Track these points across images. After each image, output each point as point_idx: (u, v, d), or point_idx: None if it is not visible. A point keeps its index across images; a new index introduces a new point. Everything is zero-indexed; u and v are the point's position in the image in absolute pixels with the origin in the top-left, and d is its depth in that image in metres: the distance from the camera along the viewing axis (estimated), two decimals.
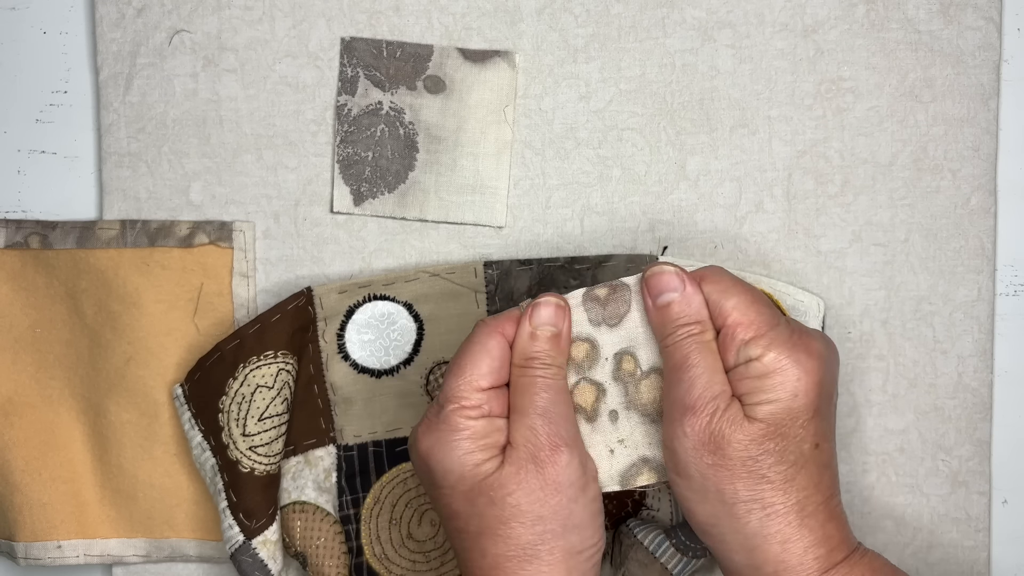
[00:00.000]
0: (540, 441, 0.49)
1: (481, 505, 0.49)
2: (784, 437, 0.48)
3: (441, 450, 0.50)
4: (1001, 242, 0.60)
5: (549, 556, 0.49)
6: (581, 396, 0.52)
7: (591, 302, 0.52)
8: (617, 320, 0.52)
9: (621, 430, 0.52)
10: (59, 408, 0.61)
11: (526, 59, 0.60)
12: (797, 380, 0.48)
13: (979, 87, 0.59)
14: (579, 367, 0.52)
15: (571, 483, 0.49)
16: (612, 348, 0.52)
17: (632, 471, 0.52)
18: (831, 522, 0.49)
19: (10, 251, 0.61)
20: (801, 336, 0.49)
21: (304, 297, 0.59)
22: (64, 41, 0.62)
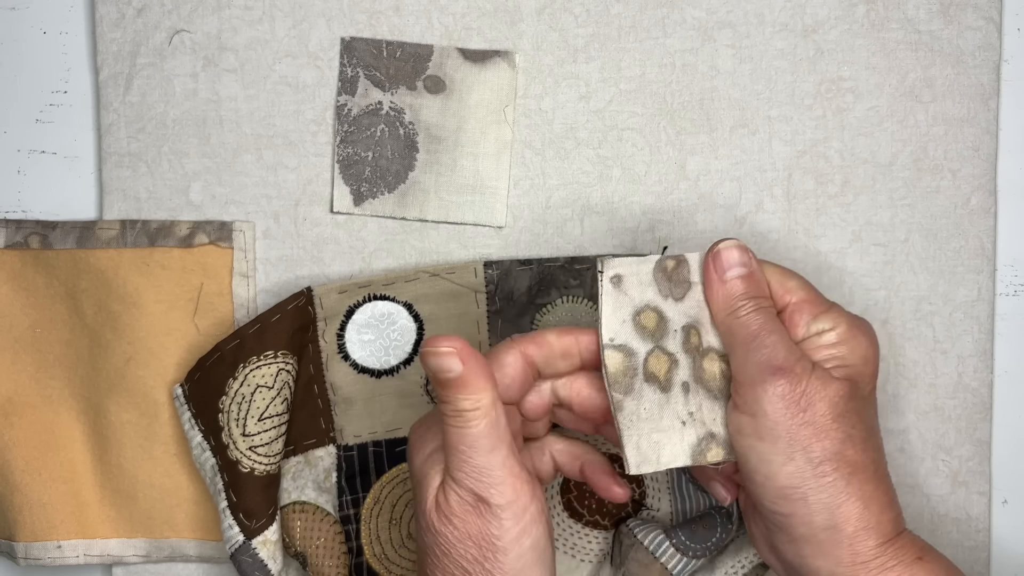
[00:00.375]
0: (449, 506, 0.50)
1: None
2: (862, 399, 0.50)
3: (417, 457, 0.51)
4: (1001, 242, 0.60)
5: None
6: (655, 364, 0.51)
7: (660, 273, 0.51)
8: (681, 295, 0.51)
9: (691, 403, 0.51)
10: (59, 408, 0.61)
11: (526, 59, 0.60)
12: (867, 348, 0.51)
13: (979, 87, 0.59)
14: (652, 335, 0.51)
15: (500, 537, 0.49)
16: (680, 321, 0.51)
17: (702, 446, 0.51)
18: (891, 490, 0.51)
19: (10, 251, 0.61)
20: (857, 317, 0.52)
21: (304, 297, 0.59)
22: (64, 41, 0.62)
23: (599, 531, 0.60)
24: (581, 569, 0.60)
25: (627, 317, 0.51)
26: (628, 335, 0.51)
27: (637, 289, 0.51)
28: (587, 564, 0.60)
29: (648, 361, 0.51)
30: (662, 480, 0.60)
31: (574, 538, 0.60)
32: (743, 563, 0.58)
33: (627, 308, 0.51)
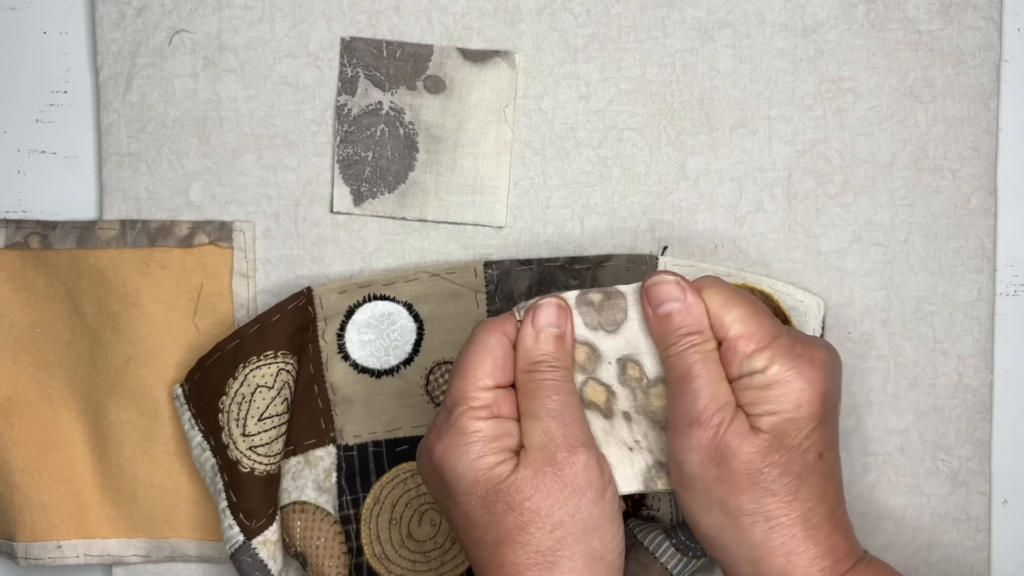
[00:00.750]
0: (556, 443, 0.48)
1: (499, 512, 0.47)
2: (788, 449, 0.48)
3: (454, 455, 0.48)
4: (1001, 242, 0.60)
5: (570, 562, 0.47)
6: (593, 394, 0.51)
7: (585, 306, 0.51)
8: (614, 327, 0.51)
9: (635, 431, 0.51)
10: (59, 408, 0.61)
11: (526, 59, 0.60)
12: (801, 391, 0.48)
13: (979, 87, 0.59)
14: (583, 368, 0.51)
15: (590, 484, 0.48)
16: (614, 354, 0.51)
17: (652, 472, 0.51)
18: (836, 533, 0.49)
19: (10, 251, 0.61)
20: (804, 346, 0.49)
21: (304, 297, 0.59)
22: (64, 41, 0.62)
23: None
24: None
25: None
26: None
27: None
28: None
29: (584, 390, 0.51)
30: None
31: None
32: None
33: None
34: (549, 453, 0.48)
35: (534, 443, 0.48)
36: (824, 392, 0.48)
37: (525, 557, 0.47)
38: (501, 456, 0.48)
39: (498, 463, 0.48)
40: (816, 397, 0.48)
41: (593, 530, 0.48)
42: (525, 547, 0.47)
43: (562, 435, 0.48)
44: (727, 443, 0.47)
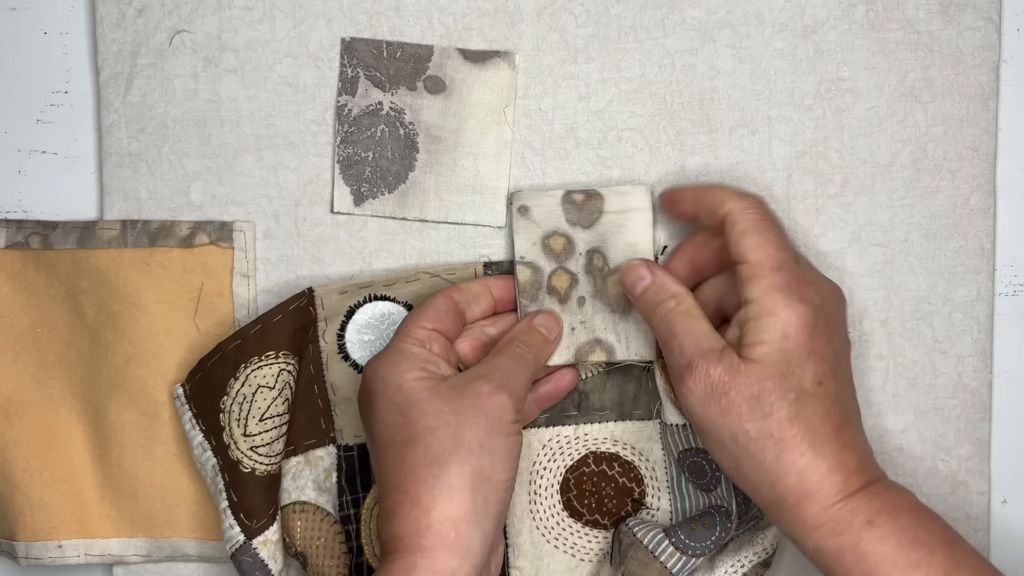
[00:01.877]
0: (491, 382, 0.53)
1: (414, 416, 0.52)
2: (781, 376, 0.51)
3: (384, 366, 0.54)
4: (1000, 242, 0.60)
5: (459, 469, 0.51)
6: (558, 281, 0.59)
7: (569, 204, 0.59)
8: (589, 224, 0.58)
9: (584, 313, 0.58)
10: (60, 408, 0.61)
11: (526, 59, 0.60)
12: (787, 323, 0.51)
13: (978, 87, 0.59)
14: (557, 256, 0.59)
15: (499, 419, 0.53)
16: (585, 245, 0.58)
17: (586, 348, 0.58)
18: (845, 451, 0.51)
19: (11, 251, 0.61)
20: (799, 283, 0.52)
21: (305, 298, 0.59)
22: (65, 41, 0.62)
23: (599, 530, 0.60)
24: (581, 568, 0.61)
25: (536, 240, 0.59)
26: (536, 255, 0.59)
27: (544, 219, 0.59)
28: (587, 563, 0.61)
29: (552, 278, 0.59)
30: (662, 479, 0.60)
31: (574, 537, 0.61)
32: (743, 562, 0.58)
33: (536, 233, 0.59)
34: (478, 385, 0.53)
35: (473, 375, 0.54)
36: (811, 326, 0.52)
37: (424, 456, 0.52)
38: (425, 374, 0.54)
39: (422, 377, 0.54)
40: (802, 330, 0.51)
41: (488, 453, 0.52)
42: (427, 447, 0.52)
43: (498, 380, 0.54)
44: (720, 379, 0.51)
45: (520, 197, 0.59)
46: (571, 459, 0.61)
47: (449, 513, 0.51)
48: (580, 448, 0.61)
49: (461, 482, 0.51)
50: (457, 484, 0.51)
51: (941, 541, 0.50)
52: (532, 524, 0.61)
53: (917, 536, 0.50)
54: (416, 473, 0.51)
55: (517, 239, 0.59)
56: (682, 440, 0.59)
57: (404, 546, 0.51)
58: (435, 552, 0.50)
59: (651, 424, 0.60)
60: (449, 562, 0.50)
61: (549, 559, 0.61)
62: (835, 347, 0.53)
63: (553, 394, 0.59)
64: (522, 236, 0.59)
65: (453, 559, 0.50)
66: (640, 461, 0.60)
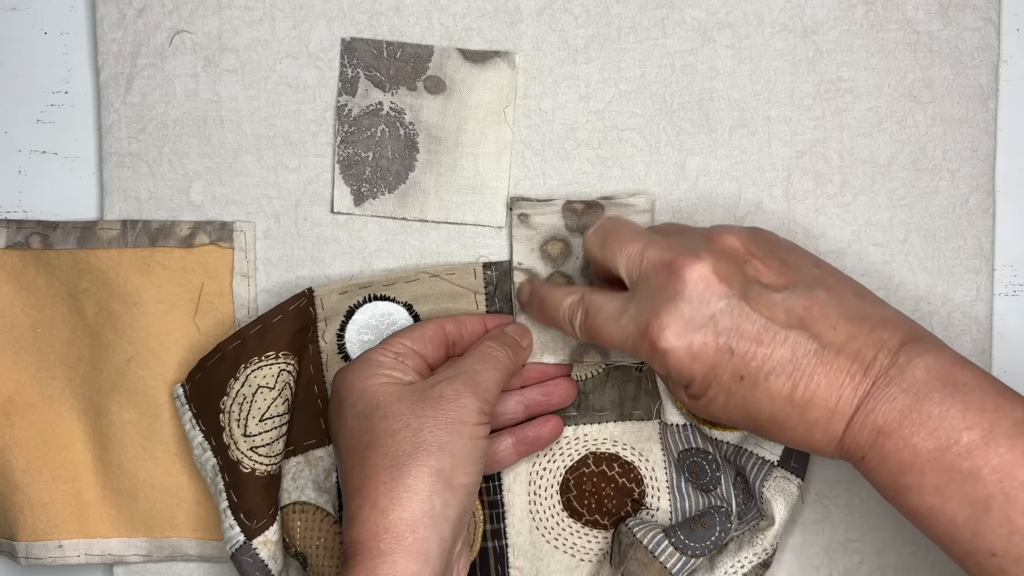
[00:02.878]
0: (453, 384, 0.54)
1: (376, 419, 0.53)
2: (730, 309, 0.49)
3: (352, 373, 0.55)
4: (999, 242, 0.60)
5: (416, 471, 0.51)
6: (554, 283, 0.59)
7: (569, 211, 0.59)
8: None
9: None
10: (60, 408, 0.61)
11: (526, 60, 0.60)
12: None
13: (978, 88, 0.59)
14: (555, 261, 0.59)
15: (461, 420, 0.52)
16: (582, 250, 0.59)
17: (580, 350, 0.59)
18: (855, 339, 0.48)
19: (11, 251, 0.61)
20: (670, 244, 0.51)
21: (305, 298, 0.59)
22: (65, 41, 0.62)
23: (598, 531, 0.61)
24: (581, 569, 0.61)
25: (535, 247, 0.60)
26: (534, 261, 0.60)
27: (543, 225, 0.59)
28: (587, 564, 0.61)
29: (550, 280, 0.59)
30: (661, 480, 0.60)
31: (573, 538, 0.61)
32: (742, 562, 0.58)
33: (535, 240, 0.60)
34: (441, 388, 0.53)
35: (438, 378, 0.54)
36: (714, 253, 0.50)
37: (383, 458, 0.52)
38: (389, 379, 0.54)
39: (386, 383, 0.54)
40: (708, 271, 0.49)
41: (448, 455, 0.52)
42: (387, 450, 0.52)
43: (462, 381, 0.54)
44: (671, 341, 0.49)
45: (521, 205, 0.59)
46: (571, 459, 0.61)
47: (406, 515, 0.50)
48: (580, 448, 0.61)
49: (418, 484, 0.51)
50: (415, 486, 0.51)
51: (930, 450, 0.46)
52: (532, 524, 0.61)
53: (903, 458, 0.47)
54: (376, 476, 0.51)
55: (516, 246, 0.59)
56: (682, 440, 0.59)
57: (363, 550, 0.50)
58: (393, 556, 0.50)
59: (651, 424, 0.60)
60: (408, 566, 0.50)
61: (549, 559, 0.61)
62: (775, 251, 0.51)
63: (533, 440, 0.59)
64: (521, 243, 0.60)
65: (412, 563, 0.50)
66: (640, 461, 0.60)
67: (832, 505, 0.61)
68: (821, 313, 0.49)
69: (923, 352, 0.48)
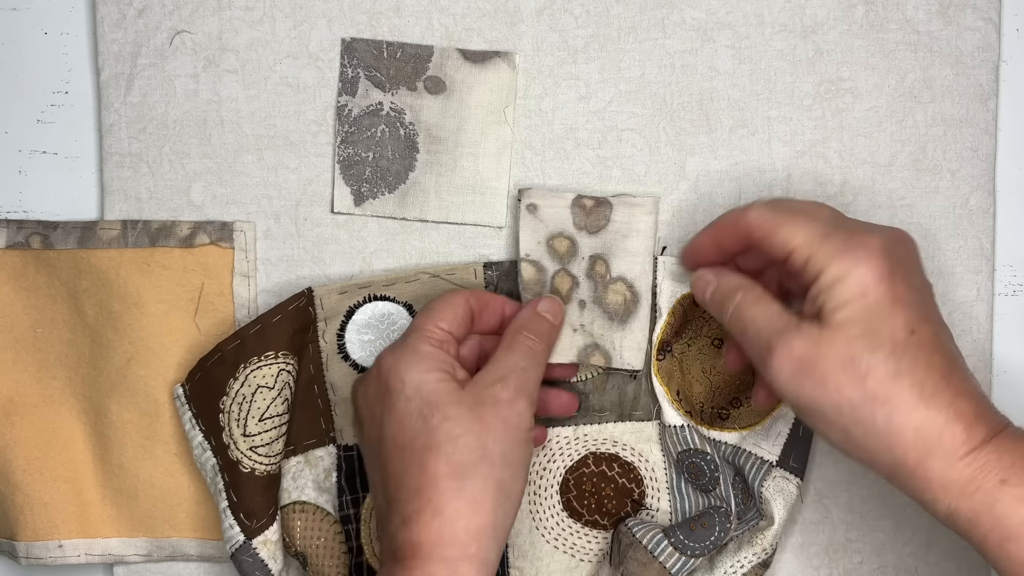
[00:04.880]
0: (509, 388, 0.52)
1: (434, 421, 0.51)
2: (871, 333, 0.48)
3: (403, 364, 0.53)
4: (1000, 242, 0.60)
5: (483, 481, 0.50)
6: (560, 282, 0.59)
7: (578, 208, 0.59)
8: (596, 230, 0.58)
9: (584, 317, 0.58)
10: (60, 408, 0.61)
11: (526, 60, 0.60)
12: (863, 278, 0.48)
13: (978, 88, 0.59)
14: (561, 258, 0.59)
15: (519, 428, 0.52)
16: (588, 250, 0.58)
17: (587, 350, 0.58)
18: (960, 399, 0.48)
19: (11, 251, 0.61)
20: (856, 235, 0.50)
21: (305, 298, 0.59)
22: (65, 42, 0.62)
23: (598, 531, 0.61)
24: (580, 569, 0.61)
25: (542, 239, 0.59)
26: (541, 254, 0.59)
27: (552, 218, 0.58)
28: (586, 564, 0.61)
29: (555, 278, 0.59)
30: (661, 480, 0.60)
31: (573, 538, 0.61)
32: (742, 562, 0.58)
33: (542, 232, 0.59)
34: (497, 391, 0.52)
35: (491, 379, 0.53)
36: (887, 274, 0.49)
37: (445, 466, 0.50)
38: (445, 375, 0.52)
39: (442, 379, 0.52)
40: (879, 281, 0.48)
41: (509, 464, 0.51)
42: (449, 457, 0.50)
43: (515, 384, 0.53)
44: (805, 352, 0.49)
45: (530, 195, 0.59)
46: (571, 460, 0.61)
47: (472, 526, 0.50)
48: (580, 449, 0.61)
49: (484, 496, 0.50)
50: (480, 497, 0.50)
51: None
52: (532, 524, 0.61)
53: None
54: (438, 483, 0.50)
55: (523, 236, 0.59)
56: (680, 441, 0.59)
57: (425, 554, 0.50)
58: (457, 563, 0.49)
59: (650, 425, 0.60)
60: (469, 573, 0.50)
61: (549, 559, 0.61)
62: (919, 290, 0.50)
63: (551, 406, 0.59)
64: (528, 234, 0.59)
65: (472, 570, 0.50)
66: (640, 462, 0.60)
67: (832, 505, 0.61)
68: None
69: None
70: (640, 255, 0.58)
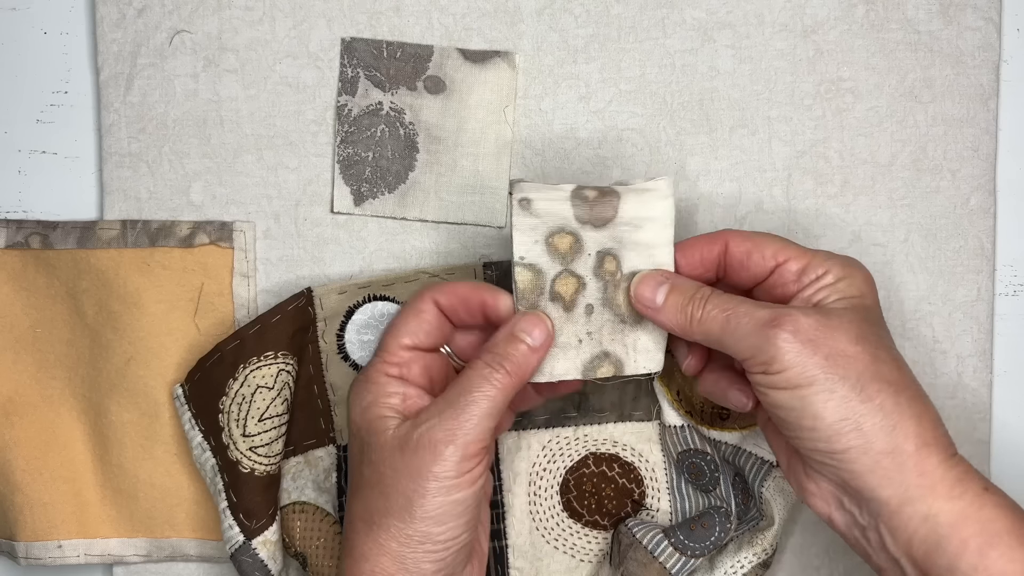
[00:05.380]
0: (442, 427, 0.50)
1: (364, 463, 0.52)
2: (874, 324, 0.50)
3: (356, 395, 0.53)
4: (1000, 242, 0.60)
5: (387, 533, 0.50)
6: (562, 286, 0.53)
7: (579, 200, 0.53)
8: (602, 223, 0.53)
9: (592, 323, 0.53)
10: (60, 408, 0.61)
11: (526, 59, 0.60)
12: (863, 282, 0.51)
13: (978, 87, 0.59)
14: (563, 257, 0.53)
15: (440, 475, 0.50)
16: (595, 246, 0.53)
17: (594, 363, 0.53)
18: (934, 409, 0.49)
19: (11, 251, 0.61)
20: (841, 255, 0.52)
21: (304, 298, 0.59)
22: (65, 41, 0.62)
23: (598, 531, 0.60)
24: (580, 569, 0.61)
25: (539, 238, 0.52)
26: (538, 255, 0.52)
27: (548, 213, 0.52)
28: (586, 564, 0.61)
29: (556, 282, 0.53)
30: (661, 480, 0.60)
31: (573, 538, 0.61)
32: (742, 562, 0.58)
33: (540, 230, 0.52)
34: (427, 432, 0.50)
35: (429, 414, 0.51)
36: (875, 287, 0.51)
37: (360, 510, 0.52)
38: (389, 412, 0.52)
39: (383, 417, 0.51)
40: (872, 290, 0.51)
41: (420, 517, 0.50)
42: (365, 501, 0.51)
43: (446, 427, 0.50)
44: (817, 321, 0.48)
45: (522, 188, 0.52)
46: (571, 460, 0.61)
47: (378, 569, 0.51)
48: (580, 449, 0.61)
49: (389, 543, 0.51)
50: (385, 545, 0.51)
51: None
52: (532, 525, 0.61)
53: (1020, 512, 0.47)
54: (353, 523, 0.52)
55: (516, 236, 0.52)
56: (681, 441, 0.59)
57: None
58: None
59: (651, 425, 0.60)
60: None
61: (549, 560, 0.61)
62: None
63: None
64: (522, 233, 0.52)
65: None
66: (640, 462, 0.60)
67: None
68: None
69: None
70: (658, 247, 0.53)
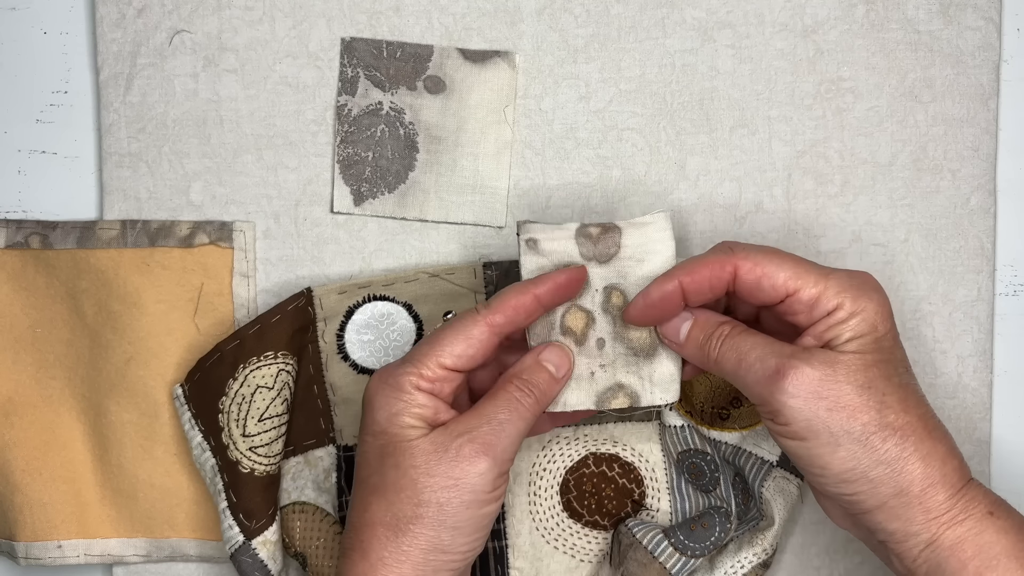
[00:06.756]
0: (475, 442, 0.50)
1: (387, 465, 0.51)
2: (885, 363, 0.50)
3: (380, 399, 0.51)
4: (1000, 242, 0.60)
5: (414, 539, 0.50)
6: (572, 321, 0.54)
7: (584, 238, 0.54)
8: (607, 259, 0.53)
9: (605, 356, 0.54)
10: (59, 408, 0.61)
11: (526, 59, 0.60)
12: (876, 313, 0.50)
13: (979, 87, 0.59)
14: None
15: (473, 488, 0.50)
16: (602, 282, 0.54)
17: (608, 394, 0.53)
18: (948, 437, 0.50)
19: (10, 251, 0.61)
20: (856, 277, 0.51)
21: (304, 298, 0.59)
22: (64, 41, 0.62)
23: (598, 531, 0.60)
24: (581, 569, 0.61)
25: None
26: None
27: (555, 252, 0.53)
28: (587, 564, 0.61)
29: (565, 317, 0.53)
30: (661, 480, 0.60)
31: (573, 538, 0.61)
32: (742, 563, 0.58)
33: (546, 268, 0.53)
34: (460, 445, 0.50)
35: (461, 429, 0.51)
36: (891, 313, 0.51)
37: (384, 514, 0.50)
38: (415, 422, 0.51)
39: (409, 426, 0.51)
40: (887, 316, 0.50)
41: (450, 527, 0.50)
42: (390, 506, 0.50)
43: (483, 441, 0.50)
44: (823, 374, 0.49)
45: (529, 229, 0.54)
46: (571, 460, 0.61)
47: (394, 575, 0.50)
48: (580, 449, 0.61)
49: (413, 551, 0.50)
50: (409, 552, 0.50)
51: None
52: (532, 525, 0.61)
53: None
54: (374, 528, 0.51)
55: (525, 275, 0.54)
56: (681, 441, 0.59)
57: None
58: None
59: (651, 425, 0.60)
60: None
61: (549, 560, 0.61)
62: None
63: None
64: (530, 272, 0.54)
65: None
66: (640, 462, 0.60)
67: None
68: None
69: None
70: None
